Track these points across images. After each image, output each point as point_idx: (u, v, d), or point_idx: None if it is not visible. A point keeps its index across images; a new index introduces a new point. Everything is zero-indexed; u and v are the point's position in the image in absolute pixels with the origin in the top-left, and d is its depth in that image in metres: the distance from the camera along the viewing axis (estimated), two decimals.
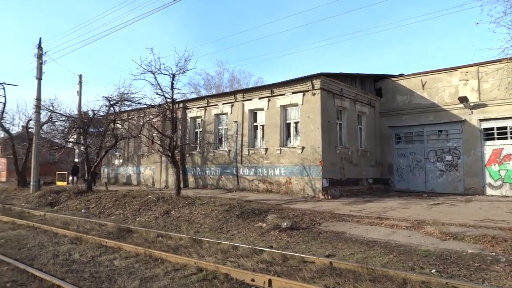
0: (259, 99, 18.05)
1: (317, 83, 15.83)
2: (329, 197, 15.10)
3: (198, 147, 20.76)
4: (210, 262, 6.66)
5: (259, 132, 18.38)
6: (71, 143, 24.94)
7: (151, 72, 14.73)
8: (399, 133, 20.12)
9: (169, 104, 15.79)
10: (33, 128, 23.58)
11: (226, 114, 19.60)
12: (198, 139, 21.09)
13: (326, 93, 16.18)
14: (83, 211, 15.35)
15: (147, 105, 17.90)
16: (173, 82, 15.24)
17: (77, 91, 29.38)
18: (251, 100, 18.38)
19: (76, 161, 29.15)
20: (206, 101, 20.67)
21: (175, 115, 16.06)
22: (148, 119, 17.52)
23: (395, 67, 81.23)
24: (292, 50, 65.04)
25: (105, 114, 19.62)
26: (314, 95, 15.96)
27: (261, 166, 17.57)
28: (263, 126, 18.14)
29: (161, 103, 16.21)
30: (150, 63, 14.64)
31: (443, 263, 6.48)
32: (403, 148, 19.88)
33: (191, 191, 18.06)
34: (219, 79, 43.15)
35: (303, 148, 16.10)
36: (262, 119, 18.21)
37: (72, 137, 23.32)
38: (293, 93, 16.71)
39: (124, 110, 19.97)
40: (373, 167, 19.46)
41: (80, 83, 29.57)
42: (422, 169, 19.05)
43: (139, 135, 18.93)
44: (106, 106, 19.21)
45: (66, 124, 21.97)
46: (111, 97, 18.62)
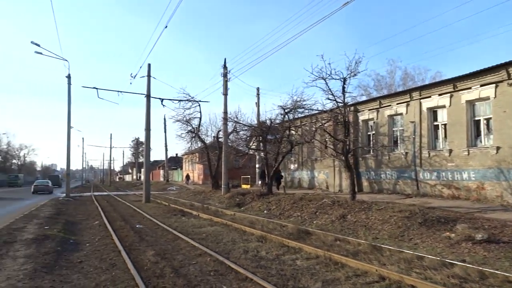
0: (439, 95, 16.35)
1: None
2: None
3: (371, 150, 20.12)
4: (392, 271, 6.32)
5: (440, 132, 16.65)
6: (252, 150, 27.56)
7: (322, 78, 15.05)
8: None
9: (340, 108, 15.81)
10: (222, 137, 26.99)
11: (400, 114, 18.44)
12: (371, 142, 20.46)
13: None
14: (265, 212, 16.68)
15: (319, 110, 18.34)
16: (344, 86, 15.23)
17: (256, 103, 32.30)
18: (430, 97, 16.81)
19: (259, 166, 32.03)
20: (378, 102, 19.90)
21: (347, 118, 15.97)
22: (320, 124, 17.92)
23: None
24: (477, 38, 56.86)
25: (280, 122, 20.99)
26: (510, 85, 13.55)
27: (444, 169, 15.86)
28: (445, 125, 16.37)
29: (332, 108, 16.38)
30: (321, 70, 14.99)
31: None
32: None
33: (366, 195, 17.59)
34: (390, 78, 41.05)
35: (498, 148, 13.84)
36: (443, 117, 16.45)
37: (253, 144, 25.75)
38: (481, 86, 14.55)
39: (297, 117, 20.94)
40: None
41: (258, 95, 32.45)
42: None
43: (312, 140, 19.50)
44: (281, 114, 20.56)
45: (248, 133, 24.44)
46: (285, 105, 19.81)
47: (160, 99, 26.08)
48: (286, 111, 19.96)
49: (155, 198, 26.94)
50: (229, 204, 20.57)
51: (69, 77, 27.93)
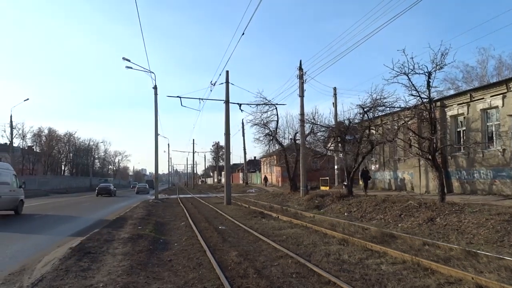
0: None
1: None
2: None
3: (461, 148, 18.61)
4: (492, 279, 5.77)
5: None
6: (330, 151, 27.11)
7: (405, 73, 14.31)
8: None
9: (425, 104, 14.90)
10: (299, 139, 26.95)
11: (495, 107, 16.80)
12: (461, 139, 18.93)
13: None
14: (345, 214, 16.28)
15: (401, 108, 17.47)
16: (429, 80, 14.32)
17: (332, 103, 31.79)
18: None
19: (337, 167, 31.39)
20: (468, 95, 18.34)
21: (433, 115, 14.99)
22: (403, 122, 17.05)
23: None
24: None
25: (359, 121, 20.38)
26: None
27: None
28: None
29: (416, 104, 15.49)
30: (402, 65, 14.27)
31: None
32: None
33: (457, 197, 16.30)
34: (482, 69, 37.56)
35: None
36: None
37: (331, 145, 25.33)
38: None
39: (377, 115, 20.17)
40: None
41: (334, 95, 31.90)
42: None
43: (395, 139, 18.64)
44: (360, 113, 19.98)
45: (325, 134, 24.11)
46: (364, 104, 19.20)
47: (238, 104, 26.92)
48: (365, 110, 19.35)
49: (235, 200, 27.77)
50: (308, 206, 20.45)
51: (155, 88, 30.12)
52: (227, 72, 25.71)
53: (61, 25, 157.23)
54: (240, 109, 27.17)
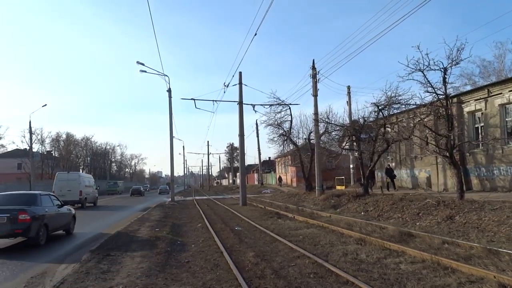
0: None
1: None
2: None
3: (480, 144, 18.26)
4: None
5: None
6: (345, 150, 26.92)
7: (420, 70, 14.12)
8: None
9: (441, 100, 14.68)
10: (313, 139, 26.82)
11: None
12: (479, 136, 18.57)
13: None
14: (362, 213, 16.14)
15: (416, 105, 17.24)
16: (445, 76, 14.09)
17: (346, 101, 31.50)
18: None
19: (353, 166, 31.15)
20: (486, 91, 17.98)
21: (449, 111, 14.75)
22: (419, 119, 16.83)
23: None
24: None
25: (374, 119, 20.19)
26: None
27: None
28: None
29: (432, 101, 15.27)
30: (417, 61, 14.08)
31: None
32: None
33: (476, 194, 15.98)
34: (499, 63, 36.73)
35: None
36: None
37: (346, 144, 25.15)
38: None
39: (392, 113, 19.95)
40: None
41: (348, 93, 31.63)
42: None
43: (411, 137, 18.41)
44: (374, 111, 19.82)
45: (340, 133, 23.97)
46: (379, 102, 19.02)
47: (252, 105, 26.99)
48: (380, 108, 19.18)
49: (250, 201, 27.79)
50: (324, 206, 20.35)
51: (169, 91, 30.36)
52: (240, 73, 25.81)
53: (75, 30, 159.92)
54: (253, 110, 27.28)
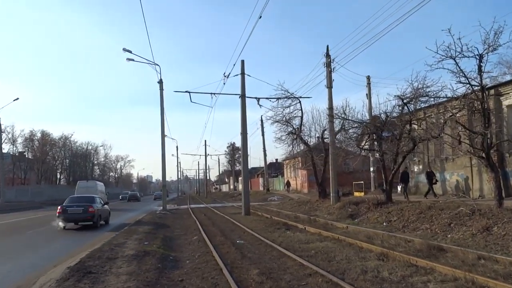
0: None
1: None
2: None
3: None
4: None
5: None
6: (365, 151, 26.85)
7: (451, 57, 14.08)
8: None
9: (476, 92, 14.63)
10: (327, 138, 26.80)
11: None
12: None
13: None
14: (384, 224, 16.14)
15: (447, 98, 17.18)
16: (481, 64, 14.04)
17: (366, 94, 31.51)
18: None
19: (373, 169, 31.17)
20: None
21: (486, 105, 14.70)
22: (450, 114, 16.76)
23: None
24: None
25: (398, 115, 20.14)
26: None
27: None
28: None
29: (466, 93, 15.21)
30: (448, 47, 14.02)
31: None
32: None
33: None
34: None
35: None
36: None
37: (365, 144, 25.09)
38: None
39: (419, 107, 19.87)
40: None
41: (368, 85, 31.62)
42: None
43: (441, 135, 18.34)
44: (399, 106, 19.75)
45: (358, 130, 23.89)
46: (404, 95, 18.96)
47: (256, 98, 26.99)
48: (405, 101, 19.12)
49: (255, 210, 27.84)
50: (340, 215, 20.36)
51: (160, 82, 30.49)
52: (242, 61, 25.77)
53: (51, 12, 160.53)
54: (258, 104, 27.21)
